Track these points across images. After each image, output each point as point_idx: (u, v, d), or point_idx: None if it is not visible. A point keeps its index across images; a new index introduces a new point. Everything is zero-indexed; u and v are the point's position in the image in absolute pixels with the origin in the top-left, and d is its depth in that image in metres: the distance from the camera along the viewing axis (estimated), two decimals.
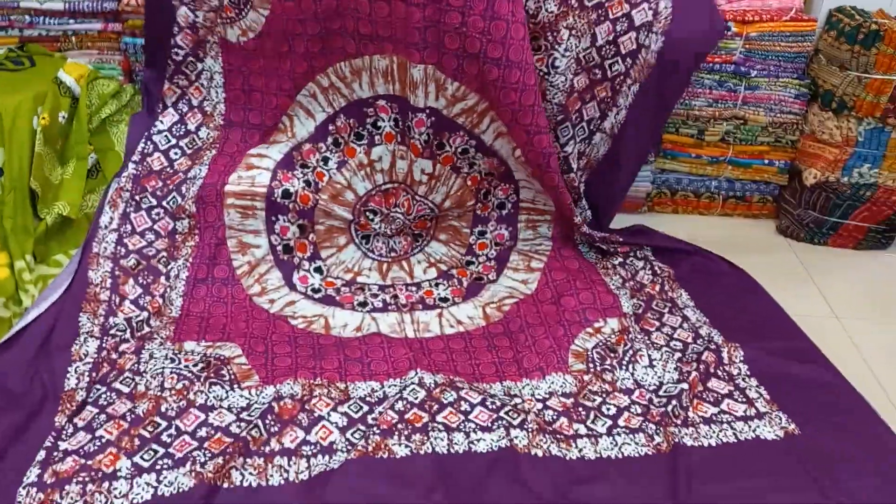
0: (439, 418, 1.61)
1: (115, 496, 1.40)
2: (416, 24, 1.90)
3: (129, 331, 1.83)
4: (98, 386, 1.66)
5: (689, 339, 1.93)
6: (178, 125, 2.17)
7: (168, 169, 2.12)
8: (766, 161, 2.53)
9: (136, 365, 1.72)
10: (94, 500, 1.39)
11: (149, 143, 2.13)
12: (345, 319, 1.98)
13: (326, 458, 1.51)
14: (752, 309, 2.08)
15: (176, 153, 2.15)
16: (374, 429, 1.57)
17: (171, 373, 1.69)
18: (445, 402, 1.65)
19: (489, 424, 1.60)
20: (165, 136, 2.15)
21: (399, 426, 1.58)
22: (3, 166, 1.92)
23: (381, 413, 1.62)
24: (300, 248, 2.13)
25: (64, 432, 1.53)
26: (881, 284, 2.29)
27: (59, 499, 1.38)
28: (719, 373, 1.81)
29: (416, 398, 1.66)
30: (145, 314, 1.89)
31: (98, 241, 1.97)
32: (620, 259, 2.24)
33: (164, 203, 2.09)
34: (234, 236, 2.07)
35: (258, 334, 1.87)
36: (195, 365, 1.72)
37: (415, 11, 1.89)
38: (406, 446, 1.53)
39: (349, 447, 1.53)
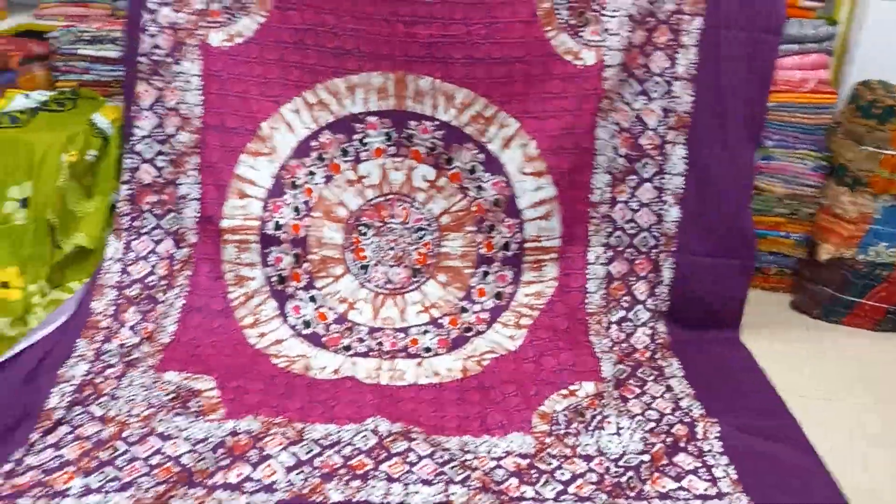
0: (383, 467, 1.63)
1: None
2: (422, 41, 2.04)
3: (118, 356, 1.94)
4: (77, 407, 1.77)
5: (668, 410, 1.89)
6: (158, 129, 2.17)
7: (159, 179, 2.18)
8: (783, 233, 2.46)
9: (114, 390, 1.83)
10: None
11: (133, 155, 2.18)
12: (325, 362, 2.03)
13: (266, 496, 1.55)
14: (742, 385, 2.02)
15: (162, 161, 2.18)
16: (317, 472, 1.61)
17: (142, 400, 1.78)
18: (394, 451, 1.67)
19: (431, 478, 1.61)
20: (148, 143, 2.17)
21: (341, 471, 1.61)
22: (30, 198, 2.10)
23: (328, 457, 1.65)
24: (294, 277, 2.19)
25: (34, 448, 1.64)
26: (886, 368, 2.16)
27: None
28: (689, 448, 1.76)
29: (366, 445, 1.69)
30: (137, 339, 2.00)
31: (103, 272, 2.11)
32: (622, 314, 2.21)
33: (162, 223, 2.19)
34: (232, 270, 2.15)
35: (236, 370, 1.95)
36: (167, 395, 1.81)
37: (420, 30, 2.04)
38: (341, 492, 1.56)
39: (288, 487, 1.57)
